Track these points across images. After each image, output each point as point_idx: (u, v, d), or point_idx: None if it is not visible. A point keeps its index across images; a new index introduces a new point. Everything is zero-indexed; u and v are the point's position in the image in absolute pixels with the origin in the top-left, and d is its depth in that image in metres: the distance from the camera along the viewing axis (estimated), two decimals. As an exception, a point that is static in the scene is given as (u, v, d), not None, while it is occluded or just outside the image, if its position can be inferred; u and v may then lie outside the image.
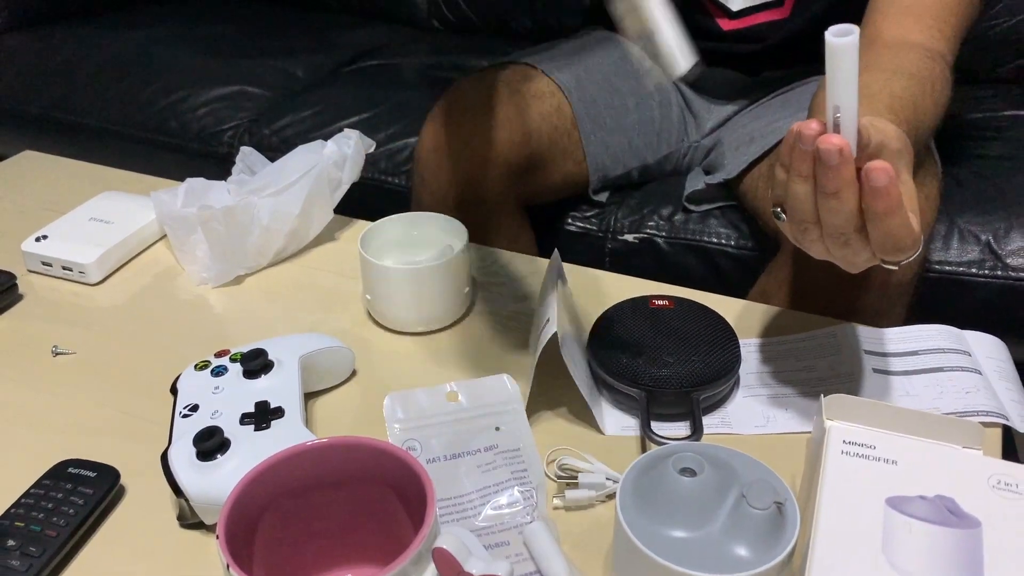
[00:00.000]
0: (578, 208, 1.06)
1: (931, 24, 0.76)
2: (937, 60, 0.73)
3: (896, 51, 0.73)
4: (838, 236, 0.48)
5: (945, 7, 0.76)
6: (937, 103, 0.69)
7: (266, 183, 0.78)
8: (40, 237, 0.81)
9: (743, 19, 0.95)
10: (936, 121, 0.70)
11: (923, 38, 0.75)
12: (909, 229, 0.47)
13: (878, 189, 0.45)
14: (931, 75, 0.70)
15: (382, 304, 0.71)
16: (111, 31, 1.46)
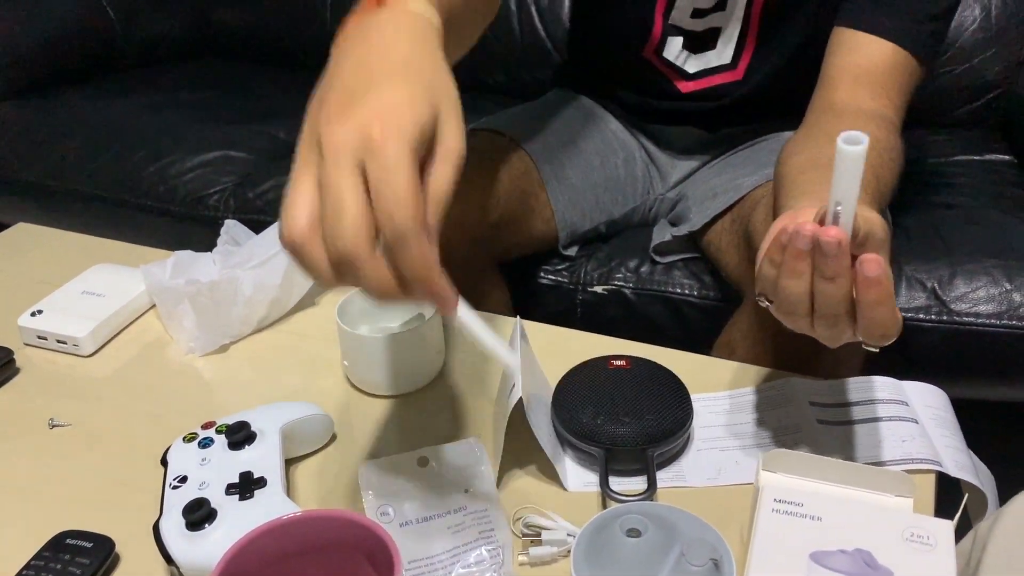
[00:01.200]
0: (550, 262, 1.11)
1: (880, 92, 0.82)
2: (891, 128, 0.79)
3: (854, 120, 0.79)
4: (829, 318, 0.52)
5: (892, 75, 0.83)
6: (894, 172, 0.75)
7: (249, 255, 0.83)
8: (35, 312, 0.85)
9: (699, 80, 1.01)
10: (894, 188, 0.76)
11: (875, 105, 0.81)
12: (895, 317, 0.51)
13: (871, 279, 0.49)
14: (888, 144, 0.76)
15: (358, 369, 0.75)
16: (101, 99, 1.52)
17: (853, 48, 0.83)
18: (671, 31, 0.98)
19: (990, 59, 1.35)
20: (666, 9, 0.96)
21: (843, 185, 0.49)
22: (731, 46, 0.97)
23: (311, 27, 1.74)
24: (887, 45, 0.82)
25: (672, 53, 0.99)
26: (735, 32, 0.96)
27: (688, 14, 0.96)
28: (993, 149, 1.28)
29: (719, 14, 0.95)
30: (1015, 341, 0.96)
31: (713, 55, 0.98)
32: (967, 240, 1.02)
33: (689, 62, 0.99)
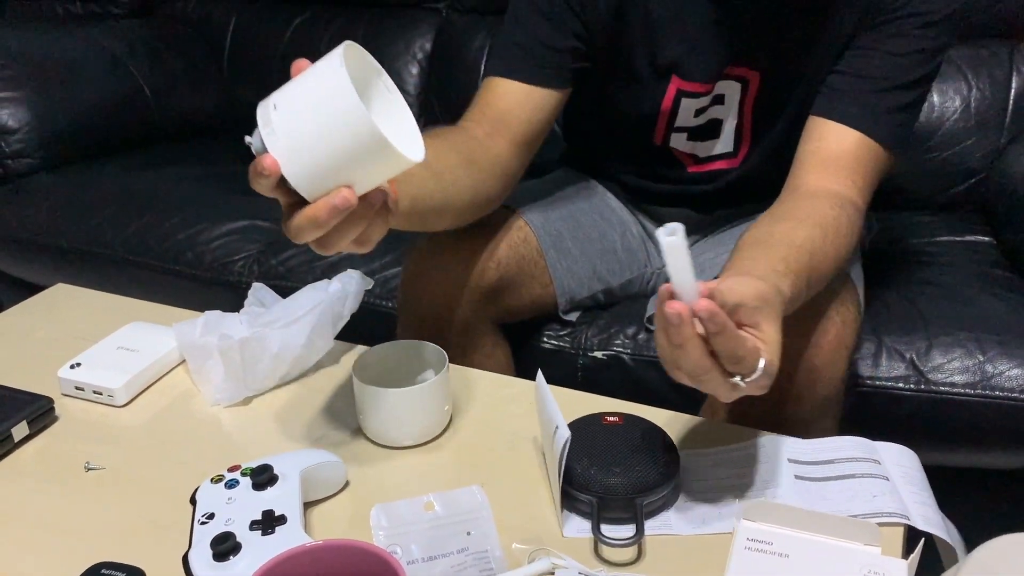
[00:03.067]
0: (553, 328, 1.18)
1: (845, 176, 0.90)
2: (846, 206, 0.87)
3: (811, 200, 0.87)
4: (693, 376, 0.63)
5: (858, 161, 0.91)
6: (838, 246, 0.83)
7: (277, 317, 0.90)
8: (74, 364, 0.92)
9: (705, 164, 1.09)
10: (838, 260, 0.84)
11: (838, 187, 0.89)
12: (741, 345, 0.61)
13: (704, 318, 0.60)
14: (836, 221, 0.84)
15: (372, 422, 0.82)
16: (135, 170, 1.61)
17: (823, 135, 0.91)
18: (675, 130, 1.07)
19: (972, 146, 1.44)
20: (669, 117, 1.05)
21: (673, 267, 0.60)
22: (732, 136, 1.05)
23: (333, 106, 1.85)
24: (854, 133, 0.90)
25: (678, 144, 1.08)
26: (734, 124, 1.04)
27: (691, 115, 1.04)
28: (974, 231, 1.35)
29: (719, 107, 1.04)
30: (987, 410, 1.01)
31: (718, 144, 1.06)
32: (944, 314, 1.08)
33: (697, 148, 1.08)
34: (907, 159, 1.44)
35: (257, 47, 1.93)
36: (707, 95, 1.02)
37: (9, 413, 0.84)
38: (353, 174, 0.59)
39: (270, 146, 0.59)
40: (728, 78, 1.00)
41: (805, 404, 0.90)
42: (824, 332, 0.89)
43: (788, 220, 0.83)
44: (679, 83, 1.01)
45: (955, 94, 1.45)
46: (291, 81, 0.62)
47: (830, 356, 0.89)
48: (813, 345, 0.89)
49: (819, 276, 0.79)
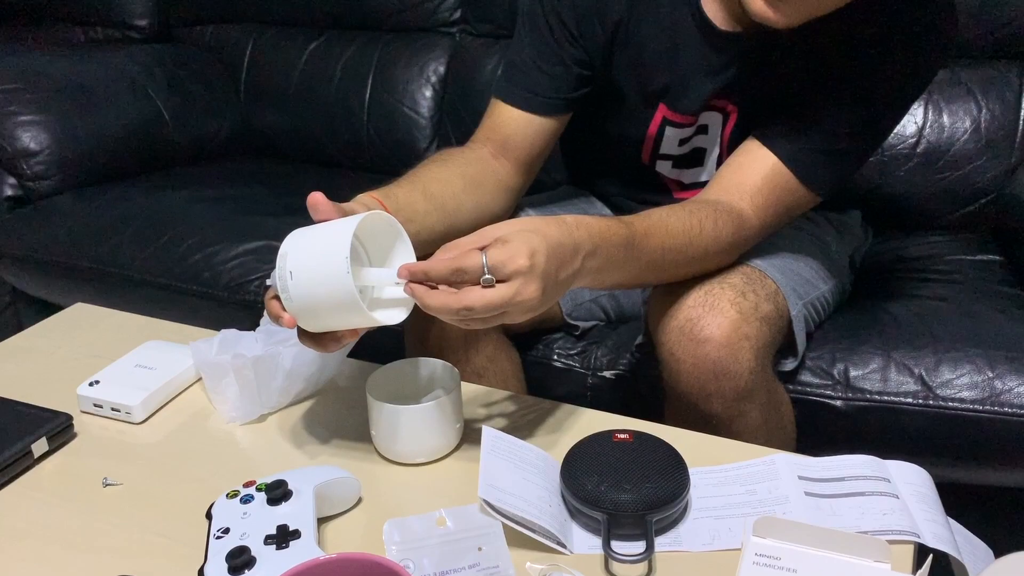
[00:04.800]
0: (563, 346, 1.18)
1: (744, 195, 0.94)
2: (737, 220, 0.92)
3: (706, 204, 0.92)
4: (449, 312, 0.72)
5: (766, 185, 0.94)
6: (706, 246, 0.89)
7: (290, 334, 0.92)
8: (93, 382, 0.94)
9: (691, 191, 1.11)
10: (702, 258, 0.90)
11: (739, 204, 0.93)
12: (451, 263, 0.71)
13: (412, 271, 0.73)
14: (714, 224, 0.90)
15: (385, 439, 0.83)
16: (153, 192, 1.64)
17: (747, 151, 0.96)
18: (660, 157, 1.10)
19: (982, 167, 1.44)
20: (654, 143, 1.08)
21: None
22: (715, 164, 1.08)
23: (348, 130, 1.87)
24: (772, 158, 0.94)
25: (663, 170, 1.10)
26: (715, 151, 1.07)
27: (675, 144, 1.07)
28: (985, 250, 1.36)
29: (703, 137, 1.06)
30: (996, 426, 1.01)
31: (703, 172, 1.09)
32: (953, 331, 1.08)
33: (683, 175, 1.10)
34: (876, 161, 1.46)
35: (273, 71, 1.96)
36: (691, 127, 1.05)
37: (29, 429, 0.85)
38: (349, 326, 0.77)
39: (287, 306, 0.75)
40: (710, 109, 1.03)
41: (715, 402, 0.90)
42: (717, 326, 0.88)
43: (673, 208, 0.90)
44: (665, 111, 1.04)
45: (965, 115, 1.46)
46: (305, 247, 0.78)
47: (727, 349, 0.88)
48: (705, 340, 0.88)
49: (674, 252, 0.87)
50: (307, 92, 1.92)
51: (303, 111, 1.92)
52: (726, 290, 0.90)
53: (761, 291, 0.93)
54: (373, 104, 1.86)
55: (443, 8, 1.85)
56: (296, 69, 1.94)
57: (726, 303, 0.89)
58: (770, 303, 0.93)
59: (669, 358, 0.90)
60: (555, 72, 1.02)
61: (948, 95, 1.47)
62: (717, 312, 0.88)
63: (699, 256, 0.90)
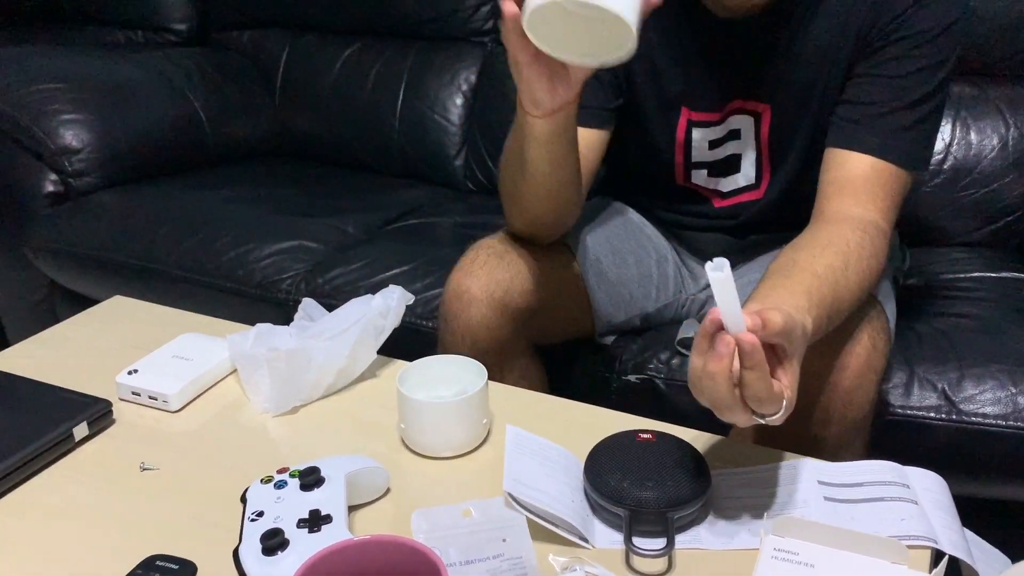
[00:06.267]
0: (588, 350, 1.20)
1: (865, 199, 0.93)
2: (868, 228, 0.90)
3: (832, 225, 0.90)
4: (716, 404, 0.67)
5: (876, 183, 0.94)
6: (860, 270, 0.86)
7: (323, 329, 0.95)
8: (131, 371, 0.97)
9: (731, 199, 1.13)
10: (862, 285, 0.87)
11: (859, 210, 0.92)
12: (769, 385, 0.65)
13: (745, 352, 0.64)
14: (858, 246, 0.87)
15: (414, 432, 0.85)
16: (189, 191, 1.68)
17: (840, 163, 0.95)
18: (693, 165, 1.11)
19: (1008, 184, 1.45)
20: (685, 150, 1.10)
21: (721, 300, 0.64)
22: (753, 168, 1.09)
23: (379, 135, 1.90)
24: (867, 158, 0.94)
25: (700, 180, 1.11)
26: (753, 156, 1.08)
27: (706, 148, 1.09)
28: (1010, 267, 1.36)
29: (736, 142, 1.08)
30: (1019, 441, 1.02)
31: (740, 177, 1.10)
32: (976, 346, 1.09)
33: (721, 183, 1.12)
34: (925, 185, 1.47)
35: (308, 77, 2.00)
36: (718, 125, 1.06)
37: (71, 414, 0.88)
38: None
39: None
40: (740, 112, 1.05)
41: (834, 427, 0.92)
42: (855, 355, 0.91)
43: (810, 248, 0.86)
44: (689, 114, 1.06)
45: (993, 132, 1.47)
46: None
47: (859, 380, 0.91)
48: (843, 368, 0.91)
49: (841, 304, 0.82)
50: (340, 97, 1.95)
51: (336, 116, 1.96)
52: (865, 323, 0.92)
53: (883, 325, 0.96)
54: (405, 110, 1.89)
55: (476, 18, 1.88)
56: (330, 74, 1.97)
57: (865, 336, 0.92)
58: (886, 335, 0.96)
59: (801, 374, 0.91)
60: (590, 84, 1.04)
61: (976, 112, 1.47)
62: (856, 343, 0.91)
63: (864, 288, 0.88)
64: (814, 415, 0.91)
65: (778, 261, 0.85)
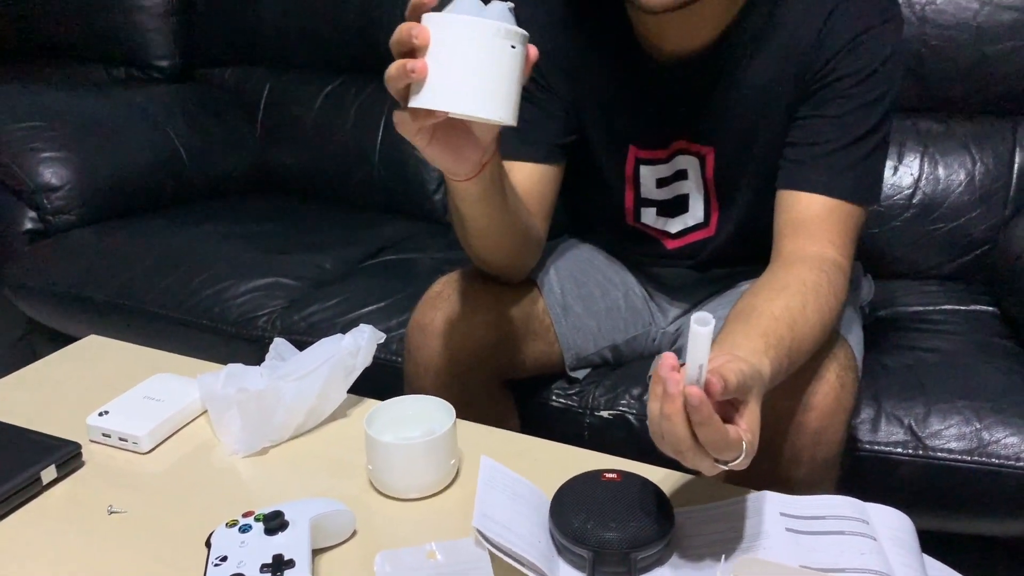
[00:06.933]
0: (560, 386, 1.21)
1: (820, 238, 0.95)
2: (825, 267, 0.92)
3: (789, 267, 0.92)
4: (675, 449, 0.67)
5: (828, 222, 0.95)
6: (821, 310, 0.87)
7: (293, 369, 0.95)
8: (103, 412, 0.97)
9: (681, 239, 1.15)
10: (823, 324, 0.87)
11: (816, 250, 0.94)
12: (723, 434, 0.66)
13: (693, 406, 0.64)
14: (816, 285, 0.88)
15: (381, 474, 0.85)
16: (169, 228, 1.69)
17: (792, 204, 0.97)
18: (643, 203, 1.14)
19: (976, 218, 1.47)
20: (634, 186, 1.12)
21: (691, 352, 0.65)
22: (701, 207, 1.11)
23: (360, 170, 1.92)
24: (818, 198, 0.95)
25: (649, 220, 1.13)
26: (701, 195, 1.11)
27: (653, 185, 1.11)
28: (979, 300, 1.38)
29: (684, 182, 1.10)
30: (983, 476, 1.03)
31: (689, 217, 1.12)
32: (943, 382, 1.11)
33: (669, 224, 1.13)
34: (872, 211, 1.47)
35: (290, 112, 2.02)
36: (665, 163, 1.09)
37: (39, 457, 0.88)
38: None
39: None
40: (685, 153, 1.07)
41: (804, 467, 0.93)
42: (823, 395, 0.92)
43: (768, 291, 0.88)
44: (636, 151, 1.09)
45: (960, 167, 1.49)
46: None
47: (829, 419, 0.92)
48: (812, 407, 0.92)
49: (802, 343, 0.83)
50: (321, 133, 1.97)
51: (317, 151, 1.98)
52: (832, 361, 0.93)
53: (850, 363, 0.97)
54: (384, 146, 1.91)
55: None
56: (312, 110, 1.99)
57: (832, 375, 0.92)
58: (854, 372, 0.97)
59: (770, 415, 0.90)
60: (540, 121, 1.07)
61: (943, 148, 1.50)
62: (824, 382, 0.92)
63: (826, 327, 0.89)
64: (783, 455, 0.92)
65: (738, 306, 0.87)
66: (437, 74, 0.74)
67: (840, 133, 0.95)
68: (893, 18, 0.96)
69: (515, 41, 0.74)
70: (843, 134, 0.95)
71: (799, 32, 0.96)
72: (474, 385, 1.06)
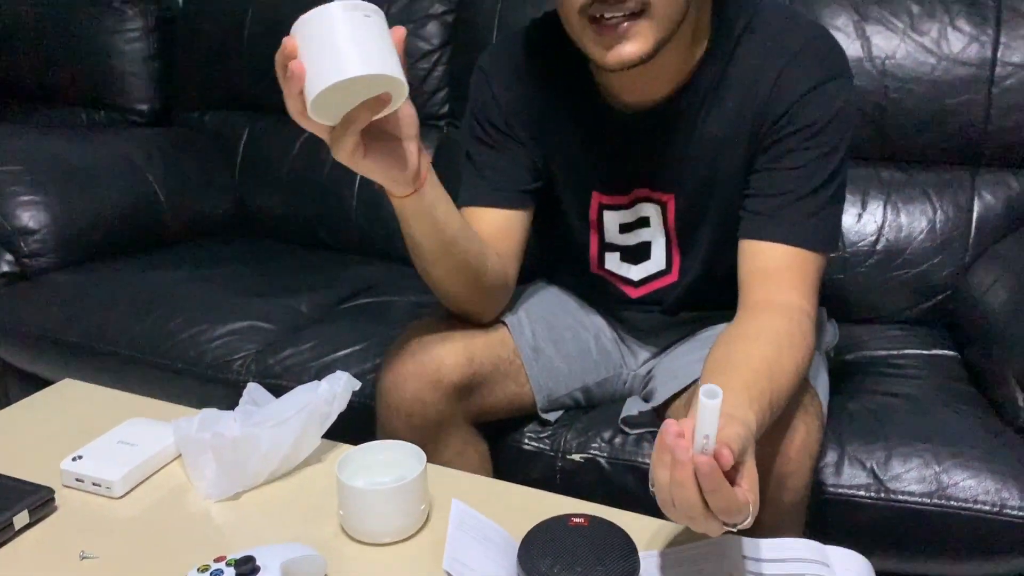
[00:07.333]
0: (533, 429, 1.23)
1: (785, 285, 0.98)
2: (794, 315, 0.95)
3: (760, 315, 0.95)
4: (687, 515, 0.69)
5: (792, 270, 0.99)
6: (795, 358, 0.90)
7: (269, 416, 0.96)
8: (76, 457, 0.98)
9: (644, 287, 1.18)
10: (797, 371, 0.90)
11: (782, 297, 0.97)
12: (734, 499, 0.68)
13: (704, 474, 0.67)
14: (788, 333, 0.91)
15: (352, 519, 0.87)
16: (146, 270, 1.69)
17: (755, 254, 1.01)
18: (607, 248, 1.17)
19: (937, 265, 1.51)
20: (598, 230, 1.16)
21: (706, 426, 0.67)
22: (663, 253, 1.15)
23: (338, 213, 1.94)
24: (779, 247, 0.99)
25: (613, 265, 1.17)
26: (663, 242, 1.14)
27: (617, 230, 1.15)
28: (941, 345, 1.42)
29: (647, 229, 1.14)
30: (942, 518, 1.06)
31: (651, 264, 1.16)
32: (904, 425, 1.14)
33: (632, 271, 1.17)
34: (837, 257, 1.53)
35: (268, 156, 2.03)
36: (627, 209, 1.13)
37: (11, 502, 0.89)
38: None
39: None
40: (647, 200, 1.11)
41: (772, 511, 0.95)
42: (790, 440, 0.95)
43: (743, 340, 0.91)
44: (600, 197, 1.13)
45: (921, 215, 1.54)
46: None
47: (796, 464, 0.95)
48: (780, 453, 0.94)
49: (780, 392, 0.86)
50: (299, 176, 1.99)
51: (295, 194, 1.99)
52: (798, 408, 0.96)
53: (816, 409, 1.00)
54: (362, 189, 1.93)
55: (432, 102, 1.94)
56: (290, 154, 2.01)
57: (799, 421, 0.95)
58: (819, 419, 1.00)
59: None
60: (506, 169, 1.12)
61: (905, 197, 1.55)
62: (790, 428, 0.94)
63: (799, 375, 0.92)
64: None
65: (713, 356, 0.90)
66: (313, 62, 0.79)
67: (797, 184, 0.99)
68: (842, 74, 1.01)
69: (365, 11, 0.79)
70: (800, 185, 0.99)
71: (753, 88, 1.01)
72: (447, 428, 1.07)
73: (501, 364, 1.12)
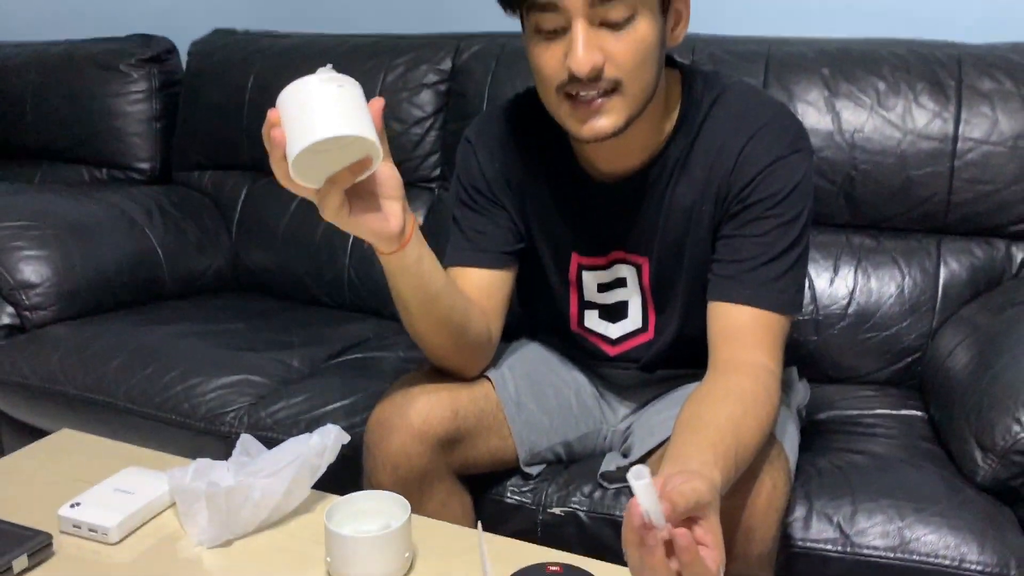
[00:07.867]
0: (515, 483, 1.27)
1: (751, 346, 1.04)
2: (760, 374, 1.01)
3: (727, 375, 1.01)
4: None
5: (757, 331, 1.05)
6: (759, 415, 0.96)
7: (261, 467, 1.01)
8: (74, 504, 1.02)
9: (622, 345, 1.24)
10: (762, 429, 0.95)
11: (749, 357, 1.03)
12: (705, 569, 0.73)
13: (681, 547, 0.73)
14: (753, 392, 0.97)
15: (339, 565, 0.91)
16: (143, 325, 1.74)
17: (723, 315, 1.07)
18: (587, 305, 1.24)
19: (906, 328, 1.58)
20: (578, 288, 1.23)
21: (643, 502, 0.73)
22: (639, 312, 1.21)
23: (331, 271, 2.00)
24: (746, 309, 1.05)
25: (592, 323, 1.23)
26: (639, 301, 1.21)
27: (595, 289, 1.22)
28: (909, 405, 1.47)
29: (624, 289, 1.21)
30: (904, 572, 1.10)
31: (628, 323, 1.22)
32: (870, 482, 1.19)
33: (610, 329, 1.22)
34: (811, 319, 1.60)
35: (264, 215, 2.10)
36: (605, 269, 1.19)
37: (10, 547, 0.93)
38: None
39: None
40: (623, 262, 1.18)
41: (740, 564, 0.99)
42: (757, 494, 0.99)
43: (710, 400, 0.97)
44: (579, 258, 1.20)
45: (890, 280, 1.61)
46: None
47: (763, 517, 0.99)
48: (747, 507, 0.99)
49: (746, 450, 0.92)
50: (294, 235, 2.05)
51: (290, 252, 2.05)
52: (766, 464, 1.01)
53: (784, 465, 1.05)
54: (356, 248, 1.99)
55: (424, 166, 2.02)
56: (286, 214, 2.08)
57: (767, 476, 1.00)
58: (787, 474, 1.05)
59: None
60: (490, 231, 1.18)
61: (875, 262, 1.62)
62: (758, 482, 0.99)
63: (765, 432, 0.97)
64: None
65: (683, 415, 0.95)
66: (292, 129, 0.86)
67: (761, 250, 1.06)
68: (802, 148, 1.09)
69: (339, 82, 0.87)
70: (763, 252, 1.06)
71: (719, 160, 1.09)
72: (431, 480, 1.11)
73: (485, 418, 1.17)
